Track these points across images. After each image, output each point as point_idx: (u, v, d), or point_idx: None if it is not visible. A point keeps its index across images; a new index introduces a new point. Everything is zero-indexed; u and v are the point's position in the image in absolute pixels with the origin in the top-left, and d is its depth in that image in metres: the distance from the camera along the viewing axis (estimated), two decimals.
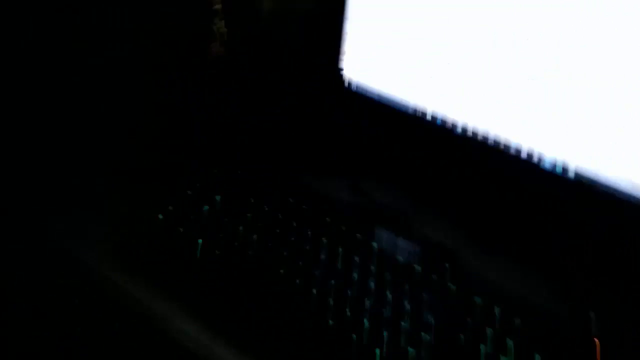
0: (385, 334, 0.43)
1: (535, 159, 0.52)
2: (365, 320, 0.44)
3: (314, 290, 0.46)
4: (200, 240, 0.49)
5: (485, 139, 0.55)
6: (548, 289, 0.52)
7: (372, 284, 0.47)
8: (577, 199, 0.52)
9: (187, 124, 0.67)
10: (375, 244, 0.50)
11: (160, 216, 0.51)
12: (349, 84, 0.62)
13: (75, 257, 0.51)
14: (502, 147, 0.54)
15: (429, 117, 0.57)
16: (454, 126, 0.56)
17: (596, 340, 0.44)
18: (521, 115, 0.51)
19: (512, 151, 0.53)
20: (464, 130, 0.55)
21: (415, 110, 0.58)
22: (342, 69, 0.62)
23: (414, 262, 0.49)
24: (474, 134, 0.55)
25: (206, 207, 0.53)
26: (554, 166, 0.52)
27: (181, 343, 0.45)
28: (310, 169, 0.63)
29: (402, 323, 0.44)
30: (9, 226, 0.56)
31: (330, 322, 0.43)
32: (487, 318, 0.44)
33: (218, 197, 0.54)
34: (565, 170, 0.51)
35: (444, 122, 0.56)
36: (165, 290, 0.47)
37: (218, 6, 0.74)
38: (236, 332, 0.44)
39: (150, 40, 0.66)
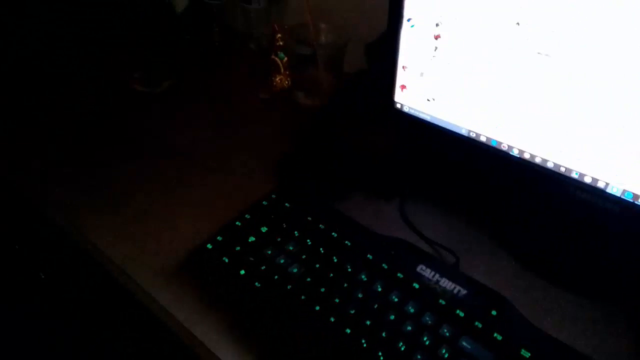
0: None
1: (601, 186, 0.48)
2: None
3: (348, 330, 0.45)
4: (242, 271, 0.51)
5: (545, 167, 0.51)
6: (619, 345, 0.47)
7: (409, 327, 0.45)
8: None
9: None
10: (416, 285, 0.48)
11: (209, 246, 0.54)
12: (401, 110, 0.62)
13: (120, 276, 0.55)
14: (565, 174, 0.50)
15: (482, 140, 0.55)
16: (509, 149, 0.53)
17: None
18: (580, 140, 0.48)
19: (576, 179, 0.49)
20: (521, 154, 0.52)
21: (469, 134, 0.56)
22: (395, 101, 0.62)
23: (457, 305, 0.46)
24: (532, 160, 0.52)
25: (252, 238, 0.54)
26: (622, 192, 0.47)
27: None
28: (360, 192, 0.63)
29: None
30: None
31: None
32: None
33: (264, 229, 0.55)
34: (635, 196, 0.46)
35: (498, 146, 0.54)
36: (209, 317, 0.49)
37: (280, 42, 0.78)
38: None
39: None
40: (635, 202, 0.46)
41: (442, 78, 0.56)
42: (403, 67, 0.60)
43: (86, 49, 0.93)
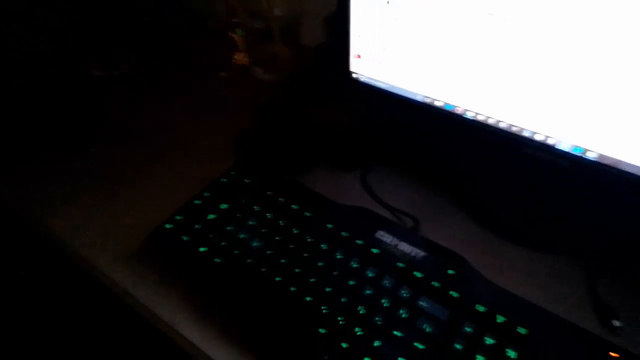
0: (377, 343, 0.41)
1: (551, 142, 0.49)
2: (358, 329, 0.43)
3: (308, 298, 0.45)
4: (203, 249, 0.50)
5: (498, 126, 0.52)
6: (568, 297, 0.48)
7: (368, 291, 0.45)
8: (600, 182, 0.48)
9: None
10: (375, 250, 0.49)
11: (168, 225, 0.53)
12: (357, 80, 0.61)
13: (83, 260, 0.54)
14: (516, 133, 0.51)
15: (438, 105, 0.55)
16: (463, 112, 0.54)
17: (614, 354, 0.40)
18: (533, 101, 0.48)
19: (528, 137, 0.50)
20: (475, 117, 0.53)
21: (424, 99, 0.56)
22: (351, 71, 0.62)
23: (415, 267, 0.47)
24: (485, 121, 0.52)
25: (212, 216, 0.54)
26: (571, 148, 0.48)
27: (182, 347, 0.46)
28: (321, 165, 0.63)
29: (395, 332, 0.42)
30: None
31: (322, 330, 0.43)
32: (489, 327, 0.42)
33: (224, 206, 0.55)
34: (584, 150, 0.47)
35: (453, 109, 0.54)
36: (170, 297, 0.49)
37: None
38: (235, 338, 0.45)
39: None
40: (584, 157, 0.47)
41: (395, 44, 0.56)
42: (358, 35, 0.59)
43: (39, 33, 0.90)
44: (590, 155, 0.47)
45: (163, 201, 0.58)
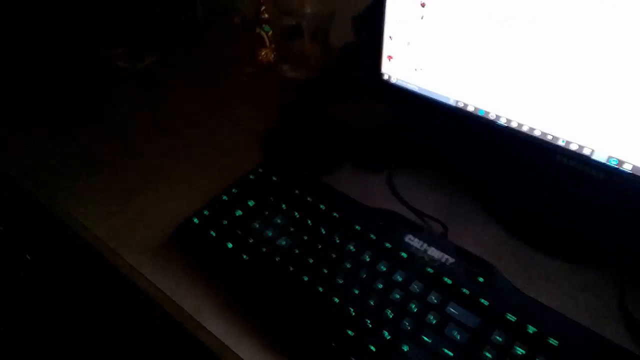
0: (405, 347, 0.41)
1: (586, 153, 0.48)
2: (385, 332, 0.42)
3: (336, 299, 0.45)
4: (229, 245, 0.50)
5: (532, 135, 0.51)
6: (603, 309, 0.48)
7: (396, 295, 0.45)
8: (634, 194, 0.47)
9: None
10: (404, 254, 0.48)
11: (196, 220, 0.53)
12: (388, 82, 0.61)
13: (107, 252, 0.54)
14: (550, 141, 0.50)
15: (470, 110, 0.55)
16: (496, 118, 0.53)
17: None
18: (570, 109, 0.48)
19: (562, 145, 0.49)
20: (508, 123, 0.52)
21: (456, 104, 0.56)
22: (382, 72, 0.61)
23: (445, 274, 0.47)
24: (518, 128, 0.52)
25: (239, 212, 0.54)
26: (607, 159, 0.47)
27: (206, 343, 0.46)
28: (346, 165, 0.63)
29: (425, 338, 0.42)
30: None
31: (350, 332, 0.43)
32: (519, 337, 0.41)
33: (251, 202, 0.55)
34: (620, 162, 0.46)
35: (485, 115, 0.54)
36: (195, 291, 0.49)
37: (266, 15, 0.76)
38: (260, 336, 0.45)
39: None
40: (619, 168, 0.47)
41: (428, 47, 0.55)
42: (390, 37, 0.59)
43: (65, 25, 0.91)
44: (626, 167, 0.47)
45: (190, 195, 0.59)
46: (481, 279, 0.46)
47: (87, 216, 0.58)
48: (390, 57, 0.60)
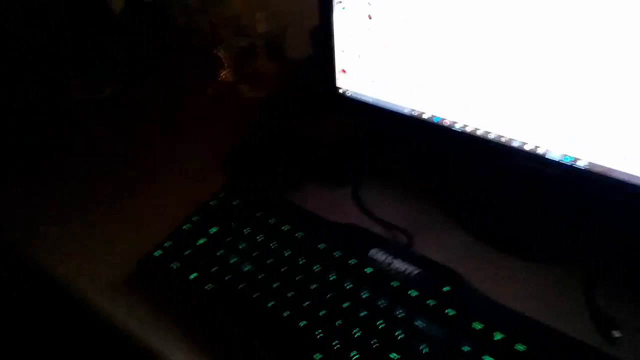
0: None
1: (541, 152, 0.48)
2: (354, 353, 0.42)
3: (302, 323, 0.44)
4: (193, 275, 0.49)
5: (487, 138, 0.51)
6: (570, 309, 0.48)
7: (363, 313, 0.44)
8: (592, 190, 0.47)
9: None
10: (369, 269, 0.48)
11: (157, 253, 0.52)
12: (344, 95, 0.61)
13: (71, 289, 0.53)
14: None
15: (426, 117, 0.55)
16: (451, 124, 0.53)
17: None
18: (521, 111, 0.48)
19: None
20: (463, 129, 0.52)
21: (411, 112, 0.56)
22: (337, 86, 0.61)
23: (410, 286, 0.46)
24: (474, 132, 0.52)
25: (202, 240, 0.53)
26: (561, 157, 0.47)
27: None
28: (312, 180, 0.63)
29: (392, 355, 0.41)
30: None
31: (318, 355, 0.42)
32: (487, 345, 0.41)
33: (213, 230, 0.54)
34: (575, 159, 0.46)
35: (441, 122, 0.54)
36: (162, 325, 0.48)
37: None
38: None
39: None
40: (574, 165, 0.47)
41: (379, 59, 0.55)
42: (342, 50, 0.59)
43: (21, 54, 0.89)
44: (581, 164, 0.47)
45: (152, 225, 0.57)
46: (447, 288, 0.46)
47: (50, 254, 0.56)
48: (343, 71, 0.60)
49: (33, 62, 0.90)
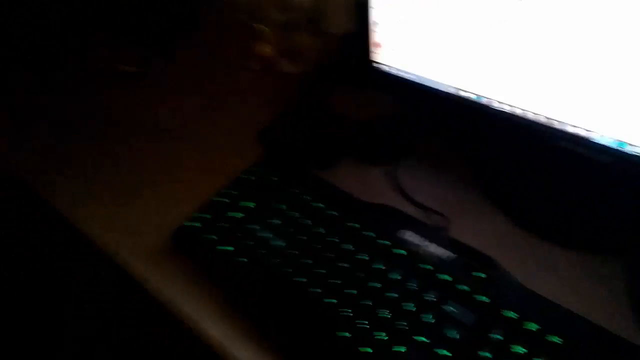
0: (402, 349, 0.41)
1: (590, 136, 0.45)
2: (383, 333, 0.42)
3: (334, 300, 0.45)
4: (228, 248, 0.51)
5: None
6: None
7: (392, 294, 0.44)
8: None
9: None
10: (401, 251, 0.47)
11: (196, 224, 0.54)
12: (379, 70, 0.59)
13: (107, 257, 0.56)
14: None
15: (465, 95, 0.53)
16: (493, 103, 0.51)
17: None
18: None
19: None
20: (506, 107, 0.50)
21: (449, 90, 0.54)
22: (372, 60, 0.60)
23: (442, 270, 0.45)
24: (518, 113, 0.49)
25: (239, 214, 0.54)
26: (612, 142, 0.44)
27: (206, 347, 0.47)
28: (348, 159, 0.62)
29: (420, 338, 0.41)
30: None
31: (347, 333, 0.42)
32: (519, 335, 0.40)
33: (251, 204, 0.55)
34: (627, 145, 0.44)
35: (485, 101, 0.51)
36: (195, 295, 0.50)
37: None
38: (258, 338, 0.45)
39: None
40: (626, 151, 0.44)
41: (417, 32, 0.53)
42: (377, 23, 0.57)
43: (67, 30, 0.92)
44: (631, 150, 0.44)
45: (192, 196, 0.59)
46: (481, 275, 0.45)
47: (88, 218, 0.59)
48: (379, 45, 0.58)
49: (78, 35, 0.93)
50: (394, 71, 0.59)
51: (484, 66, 0.50)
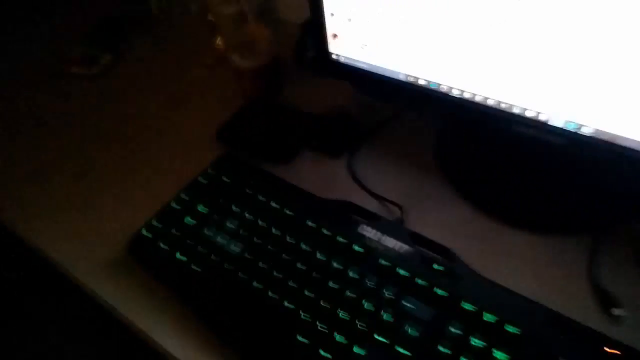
0: (361, 352, 0.39)
1: (543, 119, 0.44)
2: (340, 336, 0.40)
3: (287, 304, 0.43)
4: (183, 258, 0.48)
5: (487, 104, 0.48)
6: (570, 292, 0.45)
7: (350, 294, 0.43)
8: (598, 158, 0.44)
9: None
10: (358, 247, 0.46)
11: (146, 232, 0.51)
12: (337, 61, 0.57)
13: (60, 267, 0.53)
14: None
15: (422, 83, 0.51)
16: (448, 90, 0.49)
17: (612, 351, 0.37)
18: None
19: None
20: (461, 94, 0.49)
21: (407, 78, 0.52)
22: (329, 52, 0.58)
23: (400, 265, 0.44)
24: (472, 99, 0.48)
25: (189, 220, 0.52)
26: (565, 124, 0.43)
27: (165, 356, 0.45)
28: (306, 151, 0.61)
29: (378, 337, 0.40)
30: None
31: (303, 339, 0.41)
32: (477, 327, 0.39)
33: (201, 208, 0.53)
34: (579, 126, 0.43)
35: (438, 87, 0.50)
36: (150, 306, 0.48)
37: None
38: (215, 347, 0.44)
39: None
40: (579, 132, 0.43)
41: (371, 21, 0.51)
42: (331, 14, 0.55)
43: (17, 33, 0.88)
44: (586, 131, 0.43)
45: (148, 202, 0.56)
46: (438, 267, 0.44)
47: (40, 232, 0.57)
48: (335, 35, 0.56)
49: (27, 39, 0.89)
50: (350, 61, 0.57)
51: (438, 53, 0.48)
